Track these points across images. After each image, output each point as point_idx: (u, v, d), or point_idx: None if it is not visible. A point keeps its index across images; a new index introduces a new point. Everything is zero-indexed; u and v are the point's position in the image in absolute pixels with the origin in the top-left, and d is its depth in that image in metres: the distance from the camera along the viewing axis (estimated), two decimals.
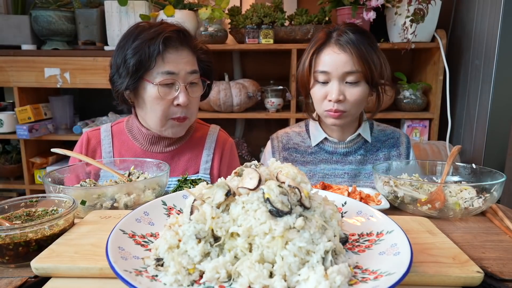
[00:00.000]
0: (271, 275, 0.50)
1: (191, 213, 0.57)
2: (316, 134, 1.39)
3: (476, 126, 2.22)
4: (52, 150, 1.07)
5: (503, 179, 0.87)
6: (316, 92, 1.28)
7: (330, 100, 1.24)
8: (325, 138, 1.38)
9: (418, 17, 2.00)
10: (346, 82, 1.23)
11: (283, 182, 0.58)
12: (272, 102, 2.41)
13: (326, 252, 0.52)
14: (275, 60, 2.70)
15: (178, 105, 1.16)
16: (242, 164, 0.70)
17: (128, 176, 1.01)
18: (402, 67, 2.63)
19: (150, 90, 1.15)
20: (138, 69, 1.13)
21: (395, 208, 0.95)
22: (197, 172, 1.31)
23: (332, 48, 1.23)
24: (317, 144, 1.39)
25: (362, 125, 1.36)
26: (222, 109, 2.38)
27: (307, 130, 1.44)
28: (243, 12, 2.44)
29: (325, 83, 1.25)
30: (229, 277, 0.51)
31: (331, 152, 1.38)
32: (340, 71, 1.21)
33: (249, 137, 2.82)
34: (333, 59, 1.22)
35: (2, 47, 2.39)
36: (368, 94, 1.27)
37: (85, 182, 0.98)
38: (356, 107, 1.26)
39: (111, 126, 1.34)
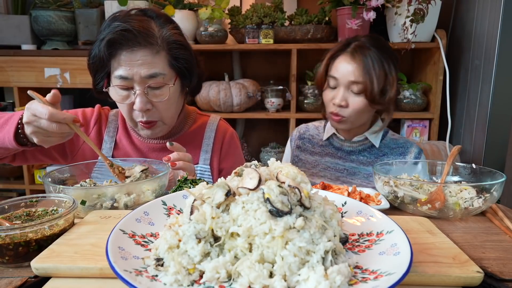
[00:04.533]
0: (271, 275, 0.50)
1: (191, 213, 0.57)
2: (329, 129, 1.52)
3: (476, 126, 2.22)
4: (29, 92, 0.97)
5: (503, 179, 0.87)
6: (326, 94, 1.39)
7: (334, 104, 1.34)
8: (334, 134, 1.49)
9: (418, 17, 2.00)
10: (351, 91, 1.32)
11: (283, 182, 0.58)
12: (272, 102, 2.41)
13: (326, 252, 0.52)
14: (275, 60, 2.70)
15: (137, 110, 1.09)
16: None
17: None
18: (402, 67, 2.63)
19: (111, 93, 1.11)
20: (98, 71, 1.09)
21: (395, 208, 0.95)
22: (197, 163, 1.27)
23: (345, 57, 1.33)
24: (328, 139, 1.52)
25: (370, 130, 1.45)
26: (222, 109, 2.38)
27: (325, 126, 1.57)
28: (243, 12, 2.44)
29: (334, 88, 1.35)
30: (229, 277, 0.51)
31: (337, 148, 1.49)
32: (346, 79, 1.31)
33: (249, 137, 2.82)
34: (343, 67, 1.32)
35: (2, 47, 2.40)
36: (371, 106, 1.33)
37: (85, 182, 0.98)
38: (356, 116, 1.34)
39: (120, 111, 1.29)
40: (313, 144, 1.54)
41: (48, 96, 0.93)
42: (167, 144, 1.05)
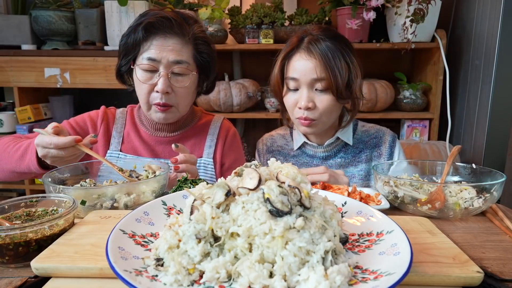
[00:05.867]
0: (271, 275, 0.50)
1: (191, 213, 0.57)
2: (298, 138, 1.40)
3: (476, 126, 2.22)
4: (35, 130, 1.05)
5: (503, 179, 0.87)
6: (288, 99, 1.26)
7: (300, 108, 1.22)
8: (305, 142, 1.38)
9: (418, 17, 2.00)
10: (316, 90, 1.20)
11: (283, 182, 0.58)
12: (272, 102, 2.41)
13: (326, 252, 0.52)
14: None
15: (158, 91, 1.18)
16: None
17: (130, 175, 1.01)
18: (402, 67, 2.63)
19: (135, 73, 1.20)
20: (127, 53, 1.20)
21: (395, 208, 0.95)
22: (201, 157, 1.35)
23: (301, 54, 1.21)
24: (299, 148, 1.40)
25: (340, 129, 1.34)
26: (222, 109, 2.38)
27: (291, 133, 1.45)
28: (243, 12, 2.44)
29: (296, 90, 1.23)
30: (229, 277, 0.51)
31: (311, 156, 1.38)
32: (308, 78, 1.19)
33: (249, 137, 2.82)
34: (301, 66, 1.20)
35: (2, 47, 2.39)
36: (339, 103, 1.23)
37: (85, 182, 0.98)
38: (327, 116, 1.23)
39: (128, 107, 1.40)
40: (285, 155, 1.42)
41: (49, 128, 1.00)
42: (172, 146, 1.10)
